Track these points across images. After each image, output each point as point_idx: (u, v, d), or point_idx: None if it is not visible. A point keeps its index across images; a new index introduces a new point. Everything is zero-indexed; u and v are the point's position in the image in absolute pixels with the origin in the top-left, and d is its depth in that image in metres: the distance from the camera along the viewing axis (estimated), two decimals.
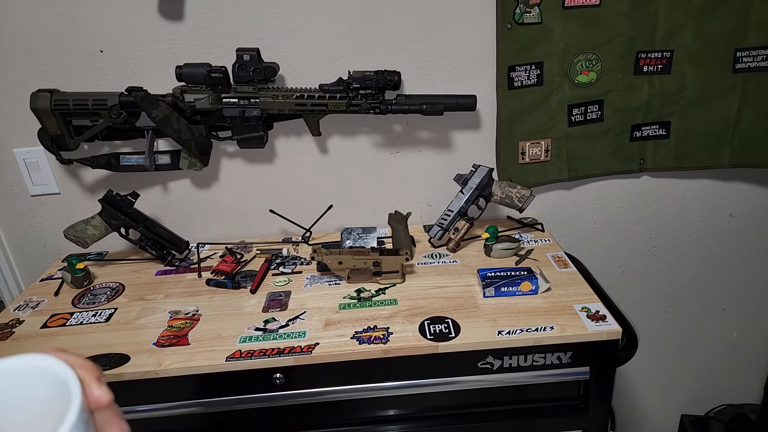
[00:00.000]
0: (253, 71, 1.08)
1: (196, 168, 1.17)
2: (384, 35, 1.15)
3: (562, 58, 1.18)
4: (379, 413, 1.00)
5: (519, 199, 1.18)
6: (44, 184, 1.23)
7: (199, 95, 1.10)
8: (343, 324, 0.96)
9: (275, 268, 1.16)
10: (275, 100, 1.10)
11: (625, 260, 1.46)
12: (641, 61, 1.20)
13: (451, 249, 1.19)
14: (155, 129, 1.12)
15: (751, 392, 1.67)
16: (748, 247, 1.46)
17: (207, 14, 1.11)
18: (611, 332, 0.92)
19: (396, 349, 0.90)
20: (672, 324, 1.56)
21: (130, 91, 1.08)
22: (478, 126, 1.26)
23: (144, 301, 1.06)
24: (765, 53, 1.19)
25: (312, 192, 1.29)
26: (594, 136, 1.27)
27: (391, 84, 1.09)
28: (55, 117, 1.09)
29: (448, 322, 0.95)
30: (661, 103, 1.24)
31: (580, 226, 1.40)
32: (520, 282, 1.00)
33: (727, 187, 1.37)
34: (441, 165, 1.29)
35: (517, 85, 1.20)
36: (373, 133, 1.24)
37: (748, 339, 1.60)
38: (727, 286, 1.51)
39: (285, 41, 1.14)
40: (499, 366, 0.94)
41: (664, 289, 1.51)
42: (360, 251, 1.07)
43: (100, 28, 1.11)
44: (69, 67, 1.13)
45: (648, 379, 1.64)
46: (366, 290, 1.06)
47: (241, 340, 0.93)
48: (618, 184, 1.35)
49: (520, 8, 1.13)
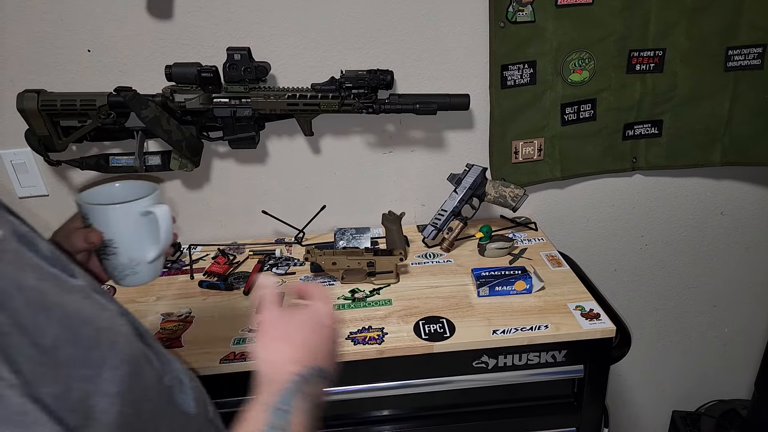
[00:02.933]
0: (244, 71, 1.07)
1: (187, 169, 1.16)
2: (376, 34, 1.15)
3: (555, 57, 1.18)
4: (374, 413, 0.99)
5: (512, 198, 1.18)
6: (32, 186, 1.21)
7: (190, 95, 1.09)
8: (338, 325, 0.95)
9: (268, 269, 1.15)
10: (267, 99, 1.09)
11: (617, 258, 1.47)
12: (634, 60, 1.20)
13: (445, 249, 1.19)
14: (145, 129, 1.10)
15: (741, 388, 1.68)
16: (738, 244, 1.47)
17: (197, 13, 1.10)
18: (605, 330, 0.92)
19: (391, 350, 0.90)
20: (663, 321, 1.57)
21: (119, 91, 1.07)
22: (471, 125, 1.26)
23: (136, 303, 1.05)
24: (756, 51, 1.20)
25: (305, 192, 1.28)
26: (587, 135, 1.27)
27: (383, 83, 1.09)
28: (43, 118, 1.07)
29: (443, 321, 0.95)
30: (653, 101, 1.25)
31: (573, 225, 1.41)
32: (514, 281, 1.00)
33: (718, 186, 1.38)
34: (434, 164, 1.28)
35: (510, 84, 1.20)
36: (366, 132, 1.24)
37: (739, 336, 1.61)
38: (718, 284, 1.53)
39: (276, 40, 1.13)
40: (493, 365, 0.94)
41: (655, 287, 1.52)
42: (354, 252, 1.06)
43: (87, 27, 1.09)
44: (56, 66, 1.12)
45: (640, 376, 1.65)
46: (360, 291, 1.06)
47: (234, 342, 0.92)
48: (610, 182, 1.36)
49: (513, 7, 1.13)
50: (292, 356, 0.51)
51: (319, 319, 0.55)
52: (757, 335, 1.61)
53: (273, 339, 0.52)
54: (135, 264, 0.68)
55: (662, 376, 1.66)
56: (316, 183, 1.28)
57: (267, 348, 0.51)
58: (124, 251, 0.67)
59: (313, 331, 0.53)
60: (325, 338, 0.54)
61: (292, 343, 0.52)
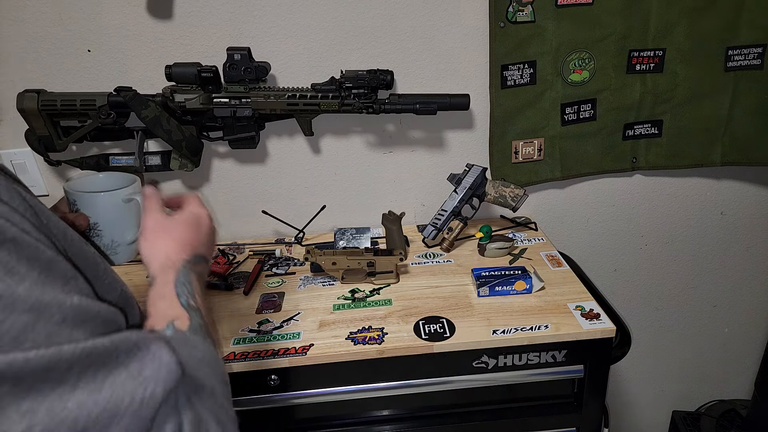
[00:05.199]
0: (244, 71, 1.07)
1: (187, 169, 1.16)
2: (376, 34, 1.15)
3: (555, 57, 1.18)
4: (374, 413, 0.99)
5: (513, 198, 1.18)
6: (32, 185, 1.21)
7: (190, 95, 1.09)
8: (338, 325, 0.96)
9: (268, 269, 1.15)
10: (267, 99, 1.09)
11: (617, 258, 1.47)
12: (634, 60, 1.20)
13: (445, 249, 1.19)
14: (145, 129, 1.10)
15: (741, 388, 1.68)
16: (738, 244, 1.47)
17: (197, 13, 1.10)
18: (605, 330, 0.92)
19: (391, 350, 0.90)
20: (663, 321, 1.57)
21: (119, 91, 1.07)
22: (471, 125, 1.26)
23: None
24: (756, 51, 1.20)
25: (305, 192, 1.28)
26: (587, 135, 1.27)
27: (383, 83, 1.09)
28: (43, 118, 1.07)
29: (443, 321, 0.95)
30: (653, 101, 1.24)
31: (573, 225, 1.41)
32: (514, 281, 1.00)
33: (718, 186, 1.38)
34: (434, 164, 1.28)
35: (510, 84, 1.20)
36: (366, 132, 1.24)
37: (739, 336, 1.61)
38: (717, 284, 1.53)
39: (276, 40, 1.13)
40: (493, 365, 0.94)
41: (655, 287, 1.52)
42: (354, 252, 1.06)
43: (87, 27, 1.09)
44: (56, 66, 1.12)
45: (639, 376, 1.65)
46: (360, 291, 1.05)
47: (235, 342, 0.92)
48: (610, 182, 1.36)
49: (513, 7, 1.13)
50: (177, 248, 0.61)
51: (195, 218, 0.66)
52: (757, 335, 1.61)
53: (160, 238, 0.62)
54: (116, 245, 0.77)
55: (662, 376, 1.66)
56: (316, 183, 1.28)
57: (156, 246, 0.61)
58: (108, 233, 0.76)
59: (191, 227, 0.65)
60: (203, 233, 0.66)
61: (175, 239, 0.62)
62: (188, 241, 0.63)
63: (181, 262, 0.59)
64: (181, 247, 0.61)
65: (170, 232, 0.63)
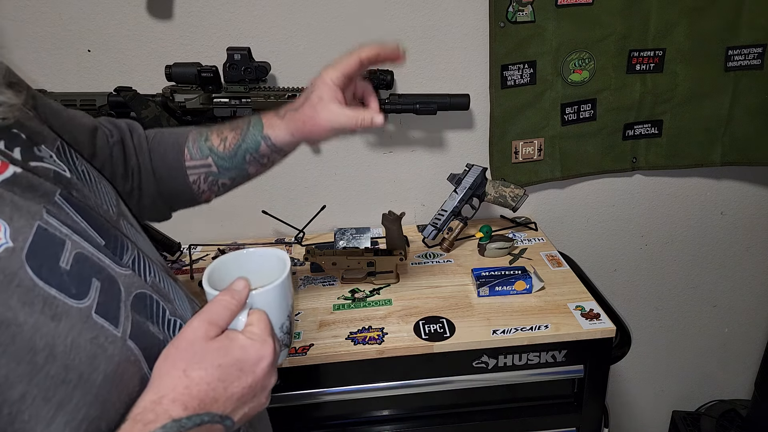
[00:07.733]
0: (244, 71, 1.07)
1: None
2: (376, 34, 1.15)
3: (555, 57, 1.18)
4: (374, 413, 0.99)
5: (513, 198, 1.18)
6: None
7: (190, 95, 1.09)
8: (338, 325, 0.95)
9: None
10: (267, 99, 1.09)
11: (617, 258, 1.47)
12: (634, 60, 1.20)
13: (445, 249, 1.18)
14: None
15: (741, 388, 1.68)
16: (738, 244, 1.47)
17: (197, 13, 1.10)
18: (605, 330, 0.92)
19: (391, 350, 0.90)
20: (663, 321, 1.57)
21: (119, 91, 1.07)
22: (471, 125, 1.26)
23: None
24: (756, 51, 1.20)
25: (304, 192, 1.28)
26: (587, 135, 1.27)
27: (383, 83, 1.09)
28: None
29: (443, 321, 0.95)
30: (653, 101, 1.24)
31: (573, 225, 1.41)
32: (514, 281, 1.00)
33: (718, 186, 1.38)
34: (434, 164, 1.28)
35: (510, 84, 1.20)
36: (366, 132, 1.24)
37: (739, 336, 1.61)
38: (717, 284, 1.52)
39: (276, 40, 1.13)
40: (493, 365, 0.94)
41: (655, 287, 1.52)
42: (354, 252, 1.06)
43: (87, 27, 1.09)
44: (56, 66, 1.12)
45: (639, 376, 1.65)
46: (360, 291, 1.05)
47: None
48: (611, 182, 1.36)
49: (513, 7, 1.13)
50: (178, 391, 0.39)
51: (240, 358, 0.42)
52: (757, 335, 1.61)
53: (172, 360, 0.41)
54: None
55: (662, 376, 1.66)
56: (316, 183, 1.28)
57: (163, 369, 0.41)
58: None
59: (225, 370, 0.41)
60: (243, 384, 0.42)
61: (188, 376, 0.40)
62: (202, 388, 0.40)
63: (165, 420, 0.38)
64: (185, 393, 0.39)
65: (190, 361, 0.41)
